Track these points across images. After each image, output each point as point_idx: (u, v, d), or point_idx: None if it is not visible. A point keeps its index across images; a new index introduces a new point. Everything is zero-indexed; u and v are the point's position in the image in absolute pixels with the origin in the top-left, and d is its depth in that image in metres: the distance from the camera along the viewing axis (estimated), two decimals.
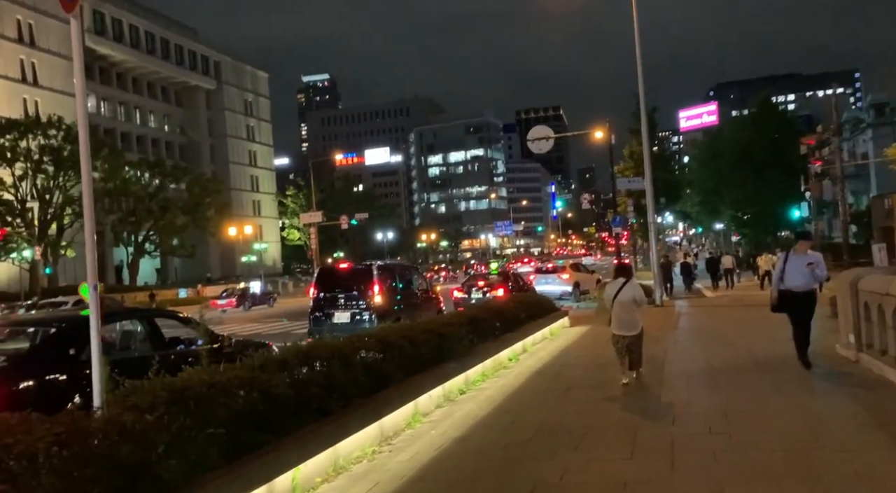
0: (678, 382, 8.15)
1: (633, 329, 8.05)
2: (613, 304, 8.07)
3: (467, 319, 9.44)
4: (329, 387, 5.39)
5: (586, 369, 9.44)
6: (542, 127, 21.45)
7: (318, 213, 50.12)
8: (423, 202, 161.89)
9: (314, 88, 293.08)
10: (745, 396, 7.09)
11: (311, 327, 14.05)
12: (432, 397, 7.13)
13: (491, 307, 10.88)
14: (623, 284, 8.15)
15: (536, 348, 11.98)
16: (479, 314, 10.00)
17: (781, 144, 47.18)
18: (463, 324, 9.03)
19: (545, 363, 10.13)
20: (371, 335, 6.84)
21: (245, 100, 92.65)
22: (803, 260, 8.30)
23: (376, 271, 14.21)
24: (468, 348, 8.76)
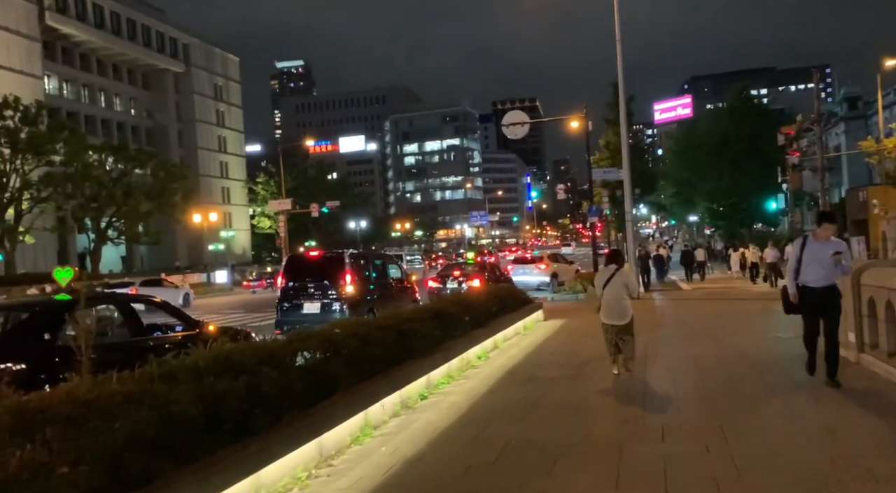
0: (664, 385, 7.31)
1: (624, 318, 7.72)
2: (603, 292, 7.79)
3: (432, 313, 8.50)
4: (255, 399, 4.41)
5: (562, 369, 8.57)
6: (517, 112, 20.54)
7: (287, 200, 48.75)
8: (399, 191, 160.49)
9: (288, 75, 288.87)
10: (742, 405, 6.24)
11: (279, 317, 13.48)
12: (386, 405, 6.18)
13: (459, 300, 9.95)
14: (614, 271, 7.82)
15: (509, 344, 11.10)
16: (445, 308, 9.06)
17: (759, 135, 46.91)
18: (427, 319, 8.09)
19: (517, 362, 9.23)
20: (315, 335, 5.86)
21: (215, 84, 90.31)
22: (827, 248, 6.63)
23: (348, 260, 13.59)
24: (432, 346, 7.83)
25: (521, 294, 14.12)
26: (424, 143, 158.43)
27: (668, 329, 11.50)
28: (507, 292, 13.04)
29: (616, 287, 7.72)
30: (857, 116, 66.22)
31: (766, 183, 45.43)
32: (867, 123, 64.00)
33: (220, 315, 22.62)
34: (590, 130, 21.57)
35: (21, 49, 61.48)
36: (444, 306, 9.12)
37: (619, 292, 7.72)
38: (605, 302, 7.76)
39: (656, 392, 6.99)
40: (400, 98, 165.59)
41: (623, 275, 7.88)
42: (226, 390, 4.20)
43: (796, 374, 7.32)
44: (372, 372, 6.16)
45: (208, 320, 9.04)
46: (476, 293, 11.40)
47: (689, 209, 64.76)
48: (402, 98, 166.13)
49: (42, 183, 47.12)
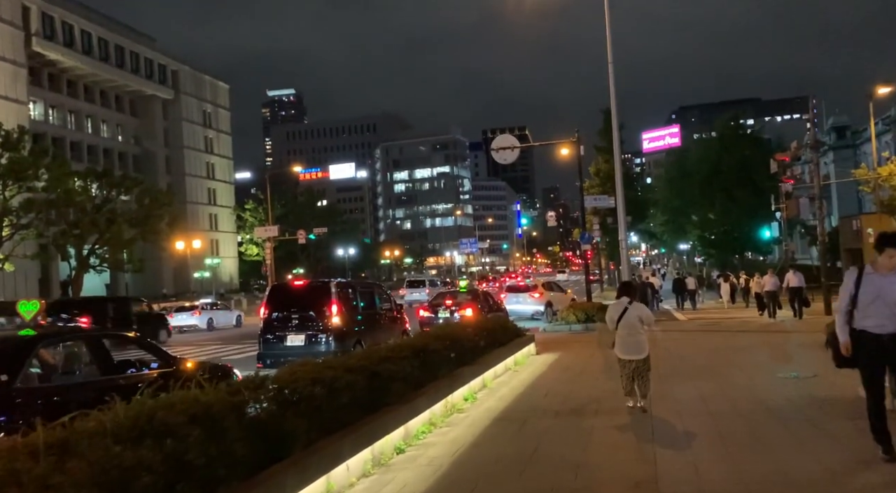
0: (674, 435, 6.44)
1: (641, 352, 7.52)
2: (618, 326, 7.58)
3: (413, 350, 7.61)
4: (179, 471, 3.51)
5: (557, 414, 7.65)
6: (507, 136, 19.90)
7: (273, 227, 47.85)
8: (389, 219, 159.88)
9: (279, 103, 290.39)
10: (770, 466, 5.28)
11: (261, 350, 12.78)
12: (352, 466, 5.26)
13: (445, 334, 9.06)
14: (627, 304, 7.63)
15: (499, 382, 10.19)
16: (428, 344, 8.17)
17: (750, 163, 46.67)
18: (406, 358, 7.19)
19: (508, 405, 8.32)
20: (270, 381, 4.98)
21: (204, 111, 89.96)
22: (894, 282, 5.04)
23: (335, 289, 12.98)
24: (412, 389, 6.94)
25: (512, 326, 13.24)
26: (414, 170, 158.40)
27: (669, 365, 10.62)
28: (496, 323, 12.16)
29: (631, 321, 7.52)
30: (845, 146, 66.44)
31: (757, 211, 45.08)
32: (856, 153, 64.17)
33: (196, 348, 21.55)
34: (582, 154, 20.98)
35: (6, 75, 60.86)
36: (428, 341, 8.22)
37: (634, 326, 7.52)
38: (621, 337, 7.54)
39: (667, 445, 6.10)
40: (390, 126, 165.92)
41: (638, 308, 7.68)
42: (136, 463, 3.29)
43: (826, 426, 6.44)
44: (338, 425, 5.26)
45: (183, 353, 8.34)
46: (463, 326, 10.52)
47: (680, 237, 64.33)
48: (392, 126, 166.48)
49: (23, 209, 46.10)
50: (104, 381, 6.24)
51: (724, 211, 47.25)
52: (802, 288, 19.21)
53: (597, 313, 20.14)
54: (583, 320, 19.72)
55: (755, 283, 20.49)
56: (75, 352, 6.78)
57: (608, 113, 50.25)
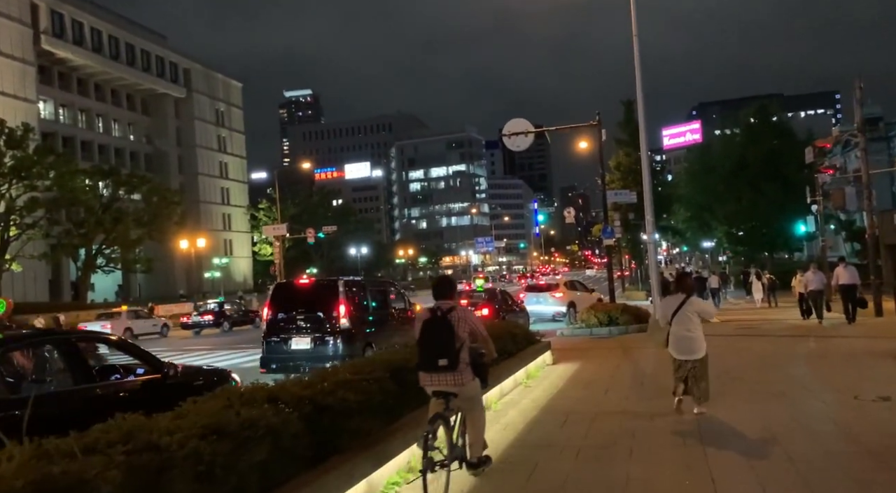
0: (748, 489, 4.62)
1: (698, 352, 6.87)
2: (672, 322, 6.94)
3: (388, 368, 5.84)
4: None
5: (580, 455, 5.81)
6: (520, 120, 18.09)
7: (282, 225, 46.40)
8: (404, 218, 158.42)
9: (296, 104, 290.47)
10: None
11: (264, 354, 11.95)
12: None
13: None
14: (683, 299, 6.97)
15: (506, 402, 8.40)
16: (411, 359, 6.39)
17: (778, 156, 44.44)
18: (377, 380, 5.41)
19: (515, 438, 6.50)
20: (137, 437, 3.23)
21: (217, 109, 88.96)
22: None
23: (342, 288, 11.98)
24: (381, 424, 5.17)
25: (523, 332, 11.43)
26: (430, 169, 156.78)
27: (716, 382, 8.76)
28: (506, 329, 10.35)
29: (687, 317, 6.87)
30: (878, 138, 63.64)
31: (787, 205, 42.89)
32: (889, 145, 61.41)
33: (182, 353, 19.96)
34: (603, 140, 19.11)
35: (14, 73, 60.07)
36: (411, 355, 6.44)
37: (690, 323, 6.87)
38: (675, 335, 6.90)
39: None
40: (406, 125, 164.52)
41: (695, 304, 7.01)
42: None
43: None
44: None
45: (172, 359, 7.13)
46: None
47: (704, 234, 61.95)
48: (408, 125, 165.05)
49: (27, 208, 45.10)
50: (78, 391, 5.57)
51: (752, 205, 45.03)
52: (857, 286, 16.35)
53: (620, 315, 18.34)
54: (605, 322, 17.86)
55: (797, 281, 18.21)
56: (47, 358, 6.27)
57: (629, 104, 48.55)
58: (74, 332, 12.83)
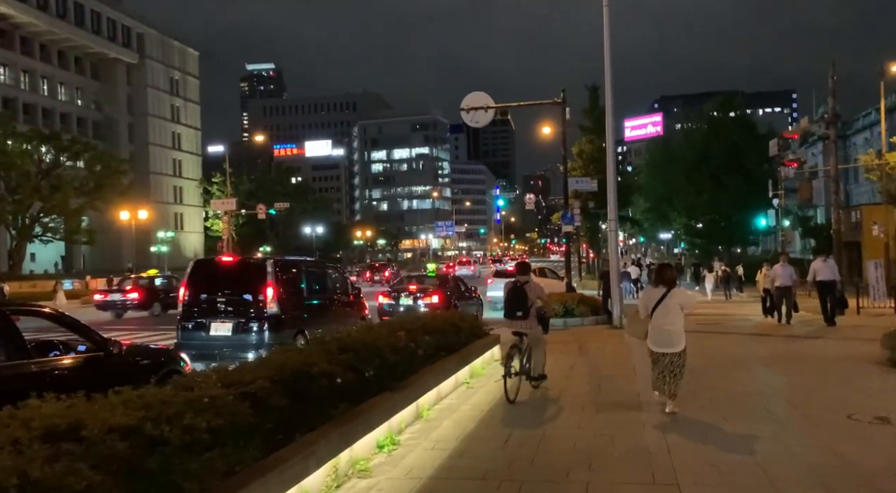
0: None
1: (678, 345, 6.74)
2: (653, 314, 6.81)
3: (281, 378, 4.52)
4: None
5: (523, 490, 4.59)
6: (479, 94, 16.80)
7: (231, 200, 44.33)
8: (365, 199, 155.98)
9: (258, 77, 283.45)
10: None
11: (179, 339, 10.63)
12: None
13: (359, 343, 5.95)
14: (665, 291, 6.82)
15: (442, 408, 7.14)
16: (315, 363, 5.08)
17: (741, 149, 44.12)
18: (264, 395, 4.10)
19: (443, 463, 5.20)
20: None
21: (171, 78, 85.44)
22: None
23: (271, 268, 10.66)
24: (255, 453, 3.83)
25: (469, 324, 10.16)
26: (393, 150, 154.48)
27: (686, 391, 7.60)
28: (448, 321, 9.06)
29: (669, 310, 6.70)
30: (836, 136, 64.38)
31: (748, 199, 42.66)
32: (846, 143, 62.04)
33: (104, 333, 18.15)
34: (568, 118, 17.95)
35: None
36: (315, 358, 5.11)
37: (672, 315, 6.70)
38: (656, 328, 6.74)
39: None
40: (370, 105, 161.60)
41: (678, 295, 6.84)
42: None
43: None
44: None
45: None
46: (396, 327, 7.40)
47: (662, 225, 61.80)
48: (372, 105, 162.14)
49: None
50: (9, 367, 5.16)
51: (712, 198, 44.67)
52: (836, 283, 14.66)
53: (577, 305, 17.37)
54: (561, 314, 16.81)
55: (762, 275, 17.22)
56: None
57: (594, 90, 47.75)
58: (8, 303, 11.56)
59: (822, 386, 7.79)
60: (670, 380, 6.65)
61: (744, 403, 7.08)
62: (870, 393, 7.28)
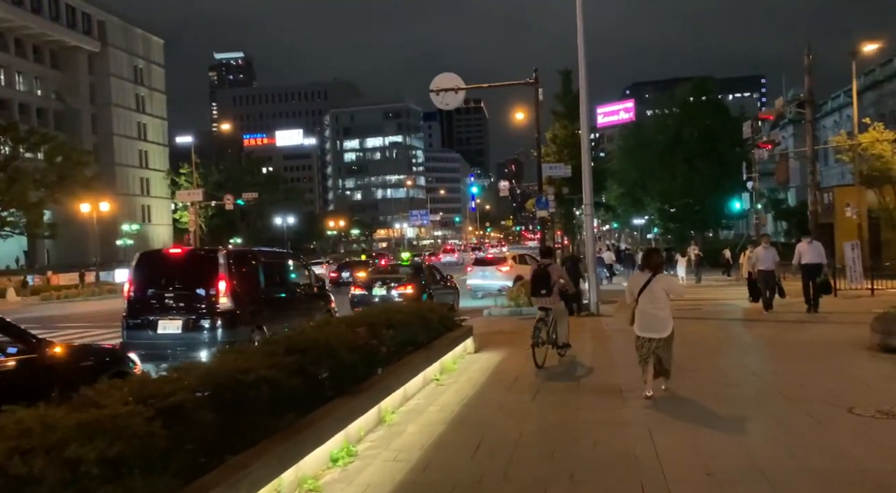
0: None
1: (664, 330, 6.68)
2: (639, 298, 6.75)
3: (213, 390, 3.87)
4: None
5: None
6: (449, 74, 16.11)
7: (198, 190, 43.09)
8: (338, 188, 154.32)
9: (227, 67, 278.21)
10: None
11: (125, 339, 9.79)
12: None
13: (307, 342, 5.30)
14: (651, 275, 6.76)
15: (407, 410, 6.53)
16: (253, 367, 4.42)
17: (714, 133, 44.08)
18: (188, 414, 3.46)
19: (405, 478, 4.59)
20: None
21: (135, 66, 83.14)
22: None
23: (224, 259, 9.89)
24: (175, 484, 3.18)
25: (442, 315, 9.56)
26: (366, 139, 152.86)
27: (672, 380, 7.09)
28: (417, 314, 8.44)
29: (655, 294, 6.68)
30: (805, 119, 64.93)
31: (721, 183, 42.65)
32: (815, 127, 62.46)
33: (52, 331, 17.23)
34: (541, 99, 17.36)
35: None
36: (256, 362, 4.45)
37: (659, 300, 6.68)
38: (642, 312, 6.72)
39: None
40: (342, 93, 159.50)
41: (663, 280, 6.86)
42: None
43: None
44: None
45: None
46: (357, 322, 6.75)
47: (636, 211, 61.81)
48: (344, 93, 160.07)
49: None
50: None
51: (686, 182, 44.59)
52: (822, 266, 13.70)
53: None
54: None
55: (745, 258, 16.77)
56: None
57: (567, 75, 47.26)
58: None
59: (815, 375, 7.31)
60: (661, 364, 6.65)
61: (735, 397, 6.56)
62: (866, 382, 6.82)
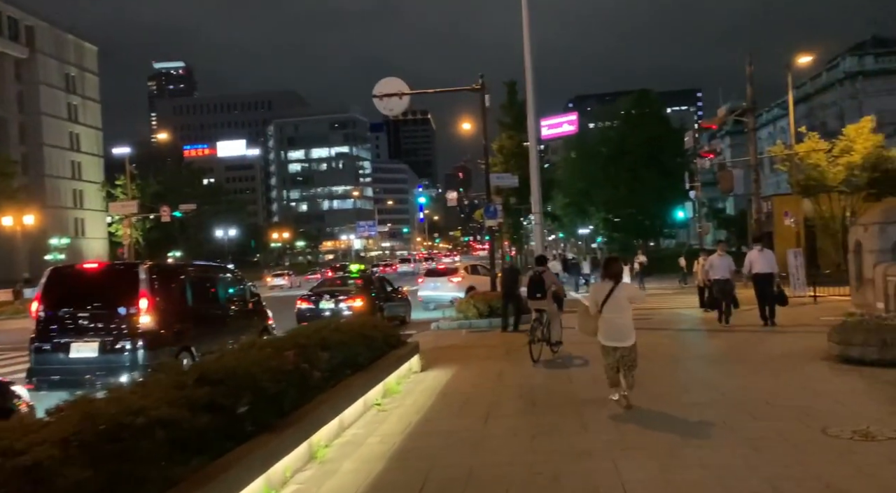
0: None
1: (628, 339, 6.60)
2: (603, 308, 6.60)
3: (99, 430, 3.11)
4: None
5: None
6: (393, 79, 15.51)
7: (132, 202, 41.27)
8: (283, 200, 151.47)
9: (167, 76, 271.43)
10: None
11: (32, 365, 8.89)
12: None
13: (227, 369, 4.57)
14: (613, 285, 6.63)
15: (344, 442, 5.83)
16: (140, 410, 3.68)
17: (657, 142, 44.71)
18: (59, 463, 2.69)
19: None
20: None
21: (67, 74, 79.76)
22: None
23: (145, 274, 9.02)
24: None
25: (386, 332, 8.90)
26: (311, 149, 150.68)
27: (634, 402, 6.61)
28: (356, 331, 7.74)
29: (619, 303, 6.65)
30: (741, 131, 67.03)
31: (664, 192, 43.27)
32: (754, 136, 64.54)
33: None
34: (487, 105, 16.93)
35: None
36: (150, 402, 3.71)
37: (622, 308, 6.67)
38: (606, 321, 6.68)
39: None
40: (286, 103, 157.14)
41: (625, 288, 6.91)
42: None
43: None
44: None
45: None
46: (287, 343, 6.02)
47: (581, 220, 62.36)
48: (288, 103, 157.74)
49: None
50: None
51: (631, 192, 45.09)
52: (775, 275, 12.68)
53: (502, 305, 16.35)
54: (486, 313, 15.80)
55: (699, 266, 16.51)
56: None
57: (512, 85, 47.33)
58: None
59: (780, 391, 6.93)
60: (626, 372, 6.58)
61: (699, 416, 6.09)
62: (833, 398, 6.46)
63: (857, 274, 13.49)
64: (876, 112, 29.48)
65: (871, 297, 12.66)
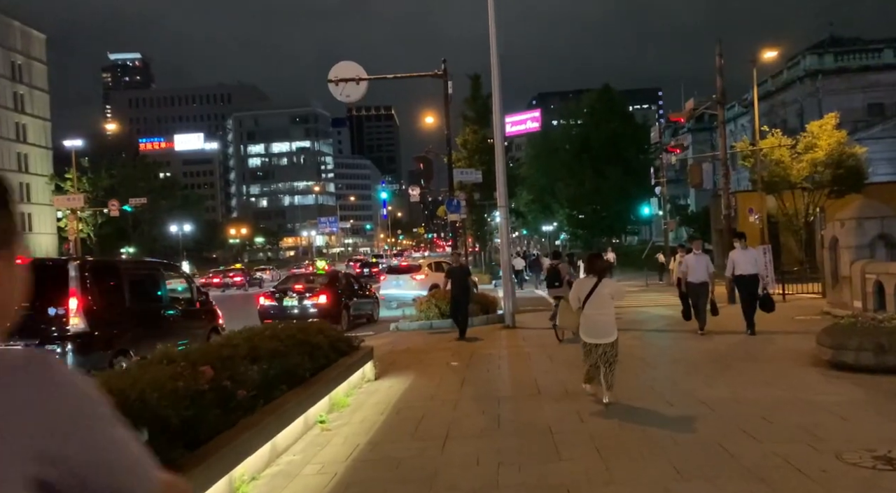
0: None
1: (610, 335, 6.56)
2: (585, 305, 6.58)
3: None
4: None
5: None
6: (350, 63, 14.57)
7: (78, 196, 39.37)
8: (243, 195, 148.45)
9: (123, 68, 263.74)
10: None
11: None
12: None
13: (120, 393, 3.62)
14: (596, 281, 6.62)
15: (277, 471, 4.91)
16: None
17: (620, 139, 44.52)
18: None
19: None
20: None
21: (12, 62, 76.55)
22: None
23: (76, 271, 8.22)
24: None
25: (335, 338, 7.95)
26: (271, 144, 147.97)
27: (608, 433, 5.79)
28: (298, 337, 6.81)
29: (602, 300, 6.52)
30: (703, 129, 67.85)
31: (628, 189, 43.05)
32: (712, 135, 65.17)
33: None
34: (450, 92, 16.10)
35: None
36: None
37: (605, 305, 6.55)
38: (588, 318, 6.54)
39: None
40: (246, 97, 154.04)
41: (608, 285, 6.71)
42: None
43: None
44: None
45: None
46: (208, 355, 5.06)
47: (546, 217, 62.11)
48: (248, 97, 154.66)
49: None
50: None
51: (594, 188, 44.79)
52: (759, 277, 11.20)
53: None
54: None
55: (674, 265, 15.70)
56: None
57: (476, 79, 46.66)
58: None
59: (775, 405, 6.19)
60: (606, 371, 6.46)
61: (691, 437, 5.32)
62: (836, 412, 5.75)
63: (833, 271, 13.00)
64: (835, 110, 29.55)
65: (847, 295, 12.17)
